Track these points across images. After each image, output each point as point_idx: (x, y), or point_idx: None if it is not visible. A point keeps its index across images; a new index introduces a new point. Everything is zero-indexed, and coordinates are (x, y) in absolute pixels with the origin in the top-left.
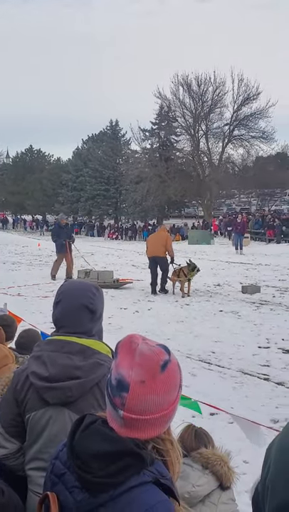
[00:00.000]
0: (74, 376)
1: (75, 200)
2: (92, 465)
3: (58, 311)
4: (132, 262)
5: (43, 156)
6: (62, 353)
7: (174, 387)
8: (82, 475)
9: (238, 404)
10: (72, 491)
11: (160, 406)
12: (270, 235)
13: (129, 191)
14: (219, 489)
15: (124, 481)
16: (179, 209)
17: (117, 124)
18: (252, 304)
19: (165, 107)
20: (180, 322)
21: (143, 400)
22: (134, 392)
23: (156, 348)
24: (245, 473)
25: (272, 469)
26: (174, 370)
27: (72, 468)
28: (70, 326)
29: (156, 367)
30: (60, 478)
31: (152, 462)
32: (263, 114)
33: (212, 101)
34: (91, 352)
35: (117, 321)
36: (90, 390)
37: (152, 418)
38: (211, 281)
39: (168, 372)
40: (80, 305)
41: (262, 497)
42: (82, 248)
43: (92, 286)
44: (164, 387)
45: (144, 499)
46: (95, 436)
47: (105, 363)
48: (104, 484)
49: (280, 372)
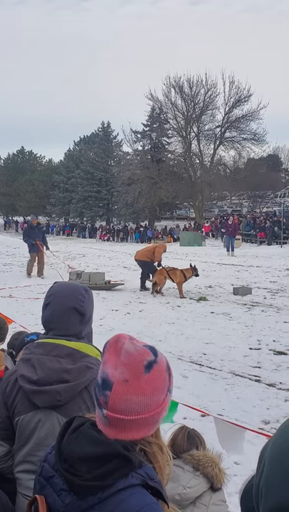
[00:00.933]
0: (63, 379)
1: (66, 201)
2: (80, 468)
3: (47, 314)
4: (123, 263)
5: (35, 158)
6: (51, 357)
7: (160, 389)
8: (70, 478)
9: (230, 405)
10: (60, 493)
11: (145, 407)
12: (261, 236)
13: (121, 193)
14: (210, 490)
15: (112, 484)
16: (171, 211)
17: (109, 125)
18: (243, 306)
19: (157, 108)
20: (171, 324)
21: (126, 400)
22: (116, 391)
23: (142, 348)
24: (236, 474)
25: (267, 470)
26: (161, 371)
27: (60, 472)
28: (60, 328)
29: (140, 366)
30: (49, 481)
31: (140, 465)
32: (254, 116)
33: (204, 103)
34: (80, 355)
35: (108, 323)
36: (79, 394)
37: (137, 419)
38: (202, 282)
39: (154, 373)
40: (70, 307)
41: (256, 498)
42: (74, 250)
43: (82, 288)
44: (149, 388)
45: (132, 502)
46: (82, 438)
47: (94, 366)
48: (92, 487)
49: (271, 374)
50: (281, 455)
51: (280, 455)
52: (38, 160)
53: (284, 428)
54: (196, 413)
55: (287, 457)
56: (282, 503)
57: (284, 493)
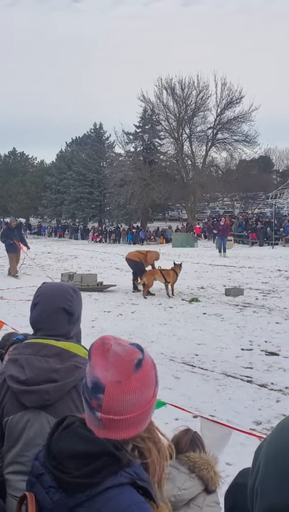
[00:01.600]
0: (51, 379)
1: (58, 203)
2: (68, 465)
3: (35, 314)
4: (115, 265)
5: (27, 159)
6: (39, 356)
7: (149, 384)
8: (58, 475)
9: (221, 406)
10: (48, 491)
11: (137, 405)
12: (253, 237)
13: (113, 194)
14: (204, 492)
15: (101, 482)
16: (163, 212)
17: (101, 127)
18: (235, 307)
19: (149, 110)
20: (163, 325)
21: (120, 400)
22: (110, 393)
23: (129, 348)
24: (228, 475)
25: (262, 471)
26: (149, 367)
27: (49, 469)
28: (48, 328)
29: (130, 366)
30: (38, 478)
31: (129, 464)
32: (246, 118)
33: (196, 104)
34: (68, 355)
35: (100, 324)
36: (68, 393)
37: (130, 417)
38: (194, 283)
39: (142, 370)
40: (58, 307)
41: (250, 499)
42: (66, 251)
43: (70, 288)
44: (140, 386)
45: (120, 500)
46: (72, 437)
47: (83, 366)
48: (80, 484)
49: (263, 374)
50: (277, 456)
51: (276, 456)
52: (29, 161)
53: (279, 429)
54: (188, 414)
55: (283, 458)
56: (277, 504)
57: (279, 495)
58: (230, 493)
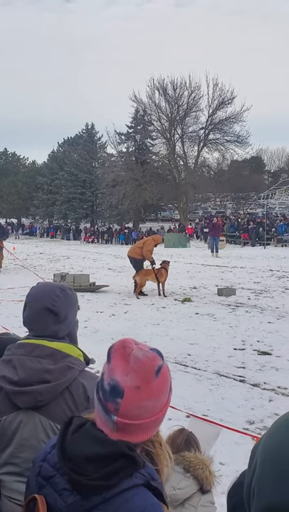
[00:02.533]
0: (44, 380)
1: (50, 203)
2: (86, 467)
3: (25, 315)
4: (108, 265)
5: (18, 159)
6: (32, 357)
7: (166, 390)
8: (76, 477)
9: (214, 406)
10: (61, 493)
11: (153, 410)
12: (245, 237)
13: (105, 195)
14: (199, 492)
15: (117, 484)
16: (155, 212)
17: (93, 127)
18: (227, 307)
19: (141, 110)
20: (156, 325)
21: (137, 406)
22: (128, 397)
23: (151, 354)
24: (222, 474)
25: (259, 470)
26: (166, 374)
27: (64, 471)
28: (36, 329)
29: (151, 373)
30: (49, 480)
31: (144, 465)
32: (237, 119)
33: (187, 105)
34: (61, 355)
35: (93, 325)
36: (61, 394)
37: (145, 423)
38: (187, 283)
39: (161, 376)
40: (43, 308)
41: (247, 498)
42: (58, 252)
43: (58, 288)
44: (158, 392)
45: (135, 502)
46: (86, 438)
47: (76, 366)
48: (97, 487)
49: (256, 374)
50: (273, 455)
51: (272, 455)
52: (21, 161)
53: (275, 427)
54: (181, 414)
55: (280, 457)
56: (274, 504)
57: (276, 494)
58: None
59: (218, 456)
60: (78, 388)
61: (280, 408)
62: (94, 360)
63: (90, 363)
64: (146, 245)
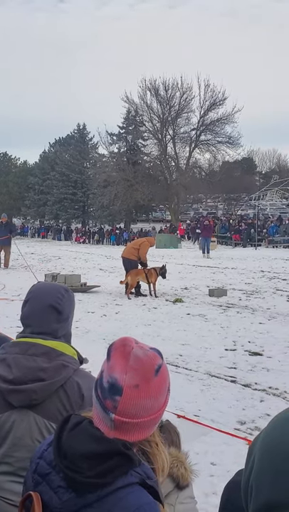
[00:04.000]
0: (38, 378)
1: (41, 203)
2: (82, 465)
3: (25, 310)
4: (99, 265)
5: (9, 159)
6: (27, 355)
7: (164, 390)
8: (71, 475)
9: (206, 406)
10: (57, 491)
11: (151, 409)
12: (236, 238)
13: (97, 195)
14: (177, 489)
15: (112, 482)
16: (147, 213)
17: (85, 127)
18: (219, 307)
19: (132, 111)
20: (147, 325)
21: (136, 404)
22: (127, 396)
23: (151, 353)
24: (213, 475)
25: (257, 467)
26: (165, 373)
27: (59, 468)
28: (36, 325)
29: (151, 371)
30: (45, 478)
31: (139, 463)
32: (229, 120)
33: (179, 106)
34: (56, 354)
35: (84, 325)
36: (56, 392)
37: (142, 422)
38: (178, 284)
39: (160, 376)
40: (48, 304)
41: (245, 495)
42: (49, 252)
43: (62, 287)
44: (157, 391)
45: (130, 500)
46: (83, 436)
47: (70, 365)
48: (92, 484)
49: (247, 374)
50: (271, 453)
51: (270, 453)
52: (12, 161)
53: (273, 424)
54: (172, 415)
55: (277, 455)
56: (272, 501)
57: (274, 491)
58: (226, 490)
59: (209, 457)
60: (73, 386)
61: (272, 408)
62: (87, 359)
63: (83, 362)
64: (142, 247)
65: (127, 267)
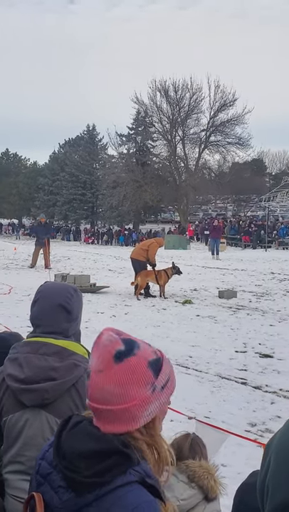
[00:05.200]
0: (50, 377)
1: (51, 204)
2: (79, 464)
3: (35, 310)
4: (108, 266)
5: (19, 160)
6: (38, 355)
7: (135, 381)
8: (69, 475)
9: (216, 408)
10: (57, 491)
11: (119, 398)
12: (246, 240)
13: (106, 196)
14: (204, 501)
15: (111, 481)
16: (156, 214)
17: (94, 128)
18: (229, 309)
19: (142, 112)
20: (157, 326)
21: (100, 389)
22: (93, 380)
23: (114, 338)
24: (224, 476)
25: (273, 467)
26: (138, 365)
27: (59, 468)
28: (46, 325)
29: (109, 356)
30: (46, 478)
31: (138, 462)
32: (239, 121)
33: (189, 107)
34: (67, 353)
35: (93, 325)
36: (67, 391)
37: (114, 410)
38: (187, 286)
39: (127, 364)
40: (57, 304)
41: (260, 495)
42: (59, 252)
43: (71, 287)
44: (120, 379)
45: (129, 499)
46: (81, 435)
47: (81, 364)
48: (91, 484)
49: (257, 377)
50: (287, 452)
51: (286, 453)
52: (22, 162)
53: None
54: (183, 416)
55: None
56: (288, 500)
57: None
58: (239, 492)
59: (220, 458)
60: (84, 386)
61: (282, 410)
62: None
63: None
64: (151, 248)
65: (136, 267)
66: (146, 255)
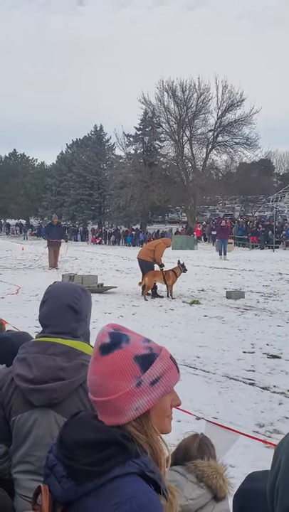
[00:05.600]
0: (58, 377)
1: (58, 204)
2: (77, 452)
3: (43, 310)
4: (116, 266)
5: (27, 161)
6: (46, 355)
7: (118, 374)
8: (67, 462)
9: (224, 408)
10: (60, 480)
11: (104, 389)
12: (253, 240)
13: (113, 196)
14: (213, 501)
15: (109, 470)
16: (163, 214)
17: (102, 129)
18: (236, 309)
19: (149, 112)
20: (164, 327)
21: (90, 380)
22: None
23: (104, 332)
24: (233, 477)
25: (284, 469)
26: (124, 358)
27: (59, 457)
28: (55, 325)
29: (96, 348)
30: (52, 469)
31: (138, 454)
32: (246, 121)
33: (196, 107)
34: (75, 353)
35: (101, 326)
36: (75, 391)
37: (101, 401)
38: (195, 286)
39: (112, 357)
40: (65, 304)
41: (270, 497)
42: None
43: (79, 287)
44: (104, 370)
45: (126, 489)
46: (82, 426)
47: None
48: (89, 472)
49: (265, 377)
50: None
51: None
52: (30, 163)
53: None
54: (191, 416)
55: None
56: None
57: None
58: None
59: (227, 459)
60: None
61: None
62: None
63: None
64: (158, 249)
65: (143, 268)
66: (153, 256)
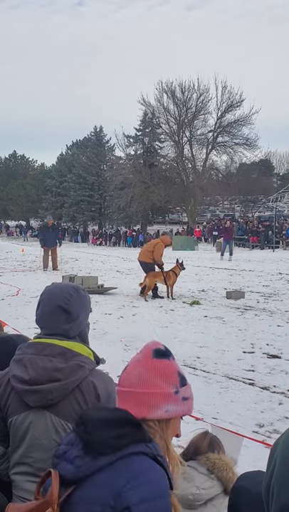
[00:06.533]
0: (54, 378)
1: (58, 205)
2: (94, 428)
3: (38, 313)
4: (116, 267)
5: (27, 162)
6: (42, 356)
7: (164, 376)
8: (85, 436)
9: (224, 409)
10: (73, 461)
11: (144, 382)
12: (253, 241)
13: (114, 197)
14: (223, 494)
15: (126, 445)
16: (163, 215)
17: (102, 130)
18: (236, 310)
19: (149, 113)
20: (164, 327)
21: (130, 374)
22: (128, 368)
23: (158, 342)
24: None
25: (279, 469)
26: (171, 367)
27: (78, 434)
28: (48, 327)
29: (149, 351)
30: (62, 456)
31: (150, 440)
32: (246, 121)
33: (196, 108)
34: (72, 354)
35: (101, 327)
36: (72, 392)
37: (136, 392)
38: (195, 286)
39: (162, 362)
40: (56, 306)
41: (266, 497)
42: (67, 254)
43: (71, 287)
44: (152, 368)
45: (137, 465)
46: (101, 409)
47: (86, 365)
48: (107, 446)
49: (265, 377)
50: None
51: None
52: (30, 164)
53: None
54: (191, 417)
55: None
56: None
57: None
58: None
59: None
60: (89, 387)
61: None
62: (104, 360)
63: (100, 362)
64: (156, 249)
65: (145, 269)
66: (153, 256)
